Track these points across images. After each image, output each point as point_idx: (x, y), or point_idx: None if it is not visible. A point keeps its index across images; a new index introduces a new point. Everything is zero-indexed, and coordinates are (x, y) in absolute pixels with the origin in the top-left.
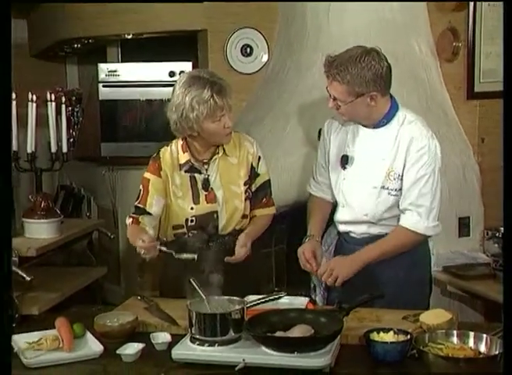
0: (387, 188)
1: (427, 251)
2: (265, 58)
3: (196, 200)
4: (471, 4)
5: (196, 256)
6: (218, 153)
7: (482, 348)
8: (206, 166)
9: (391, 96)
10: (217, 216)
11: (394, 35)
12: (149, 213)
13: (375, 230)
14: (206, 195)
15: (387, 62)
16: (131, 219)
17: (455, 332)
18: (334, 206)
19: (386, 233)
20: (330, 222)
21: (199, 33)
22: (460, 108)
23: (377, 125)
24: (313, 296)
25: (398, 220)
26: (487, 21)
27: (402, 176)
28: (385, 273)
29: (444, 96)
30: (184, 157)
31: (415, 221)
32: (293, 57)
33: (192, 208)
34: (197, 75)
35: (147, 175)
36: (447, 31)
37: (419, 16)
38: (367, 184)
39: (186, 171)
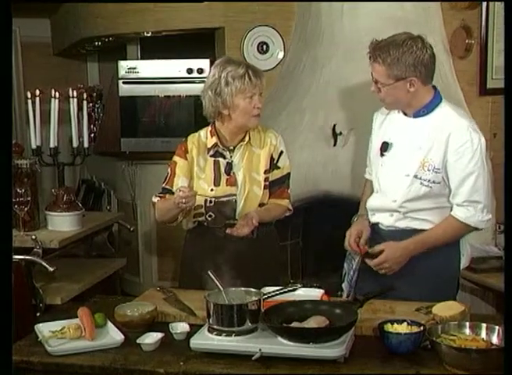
0: (420, 178)
1: (457, 250)
2: (281, 55)
3: (217, 182)
4: (484, 2)
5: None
6: (243, 140)
7: (494, 340)
8: (231, 153)
9: (435, 88)
10: (235, 200)
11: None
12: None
13: (401, 224)
14: (227, 179)
15: (431, 50)
16: (158, 198)
17: (467, 323)
18: None
19: (413, 229)
20: None
21: (216, 30)
22: (473, 104)
23: (417, 114)
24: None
25: (428, 214)
26: (499, 19)
27: (441, 169)
28: (416, 267)
29: (457, 92)
30: (211, 141)
31: (470, 215)
32: (308, 54)
33: (212, 190)
34: (232, 58)
35: (175, 158)
36: (460, 29)
37: (433, 14)
38: (400, 172)
39: (211, 155)
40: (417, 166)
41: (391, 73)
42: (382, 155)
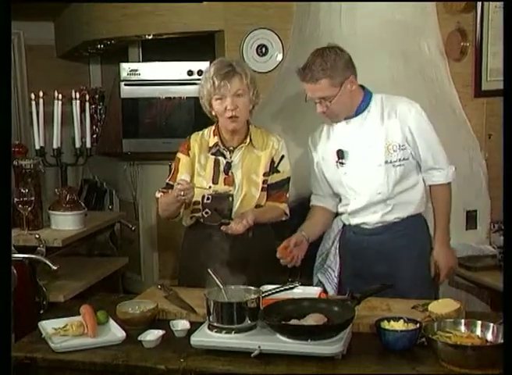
0: (391, 162)
1: (429, 241)
2: (280, 57)
3: (215, 180)
4: (479, 5)
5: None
6: (244, 142)
7: (489, 337)
8: (231, 153)
9: (361, 85)
10: (232, 199)
11: (404, 36)
12: None
13: (389, 218)
14: (225, 178)
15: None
16: (161, 193)
17: (463, 321)
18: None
19: (402, 219)
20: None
21: (216, 33)
22: (468, 105)
23: (358, 111)
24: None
25: (409, 195)
26: (494, 22)
27: (405, 145)
28: (394, 265)
29: (452, 94)
30: (213, 140)
31: (445, 174)
32: (306, 56)
33: (210, 187)
34: (223, 59)
35: (178, 155)
36: (455, 32)
37: (428, 18)
38: (369, 167)
39: (212, 154)
40: (384, 152)
41: (334, 81)
42: (341, 164)
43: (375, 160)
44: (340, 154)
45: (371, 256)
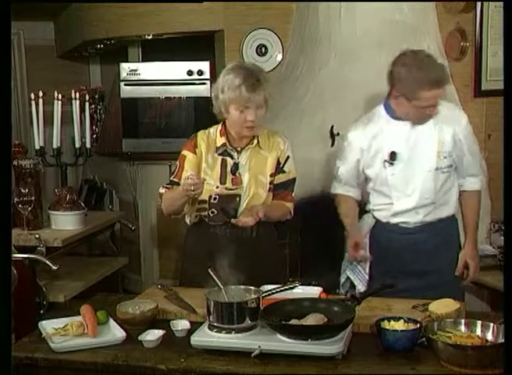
0: (440, 168)
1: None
2: (280, 57)
3: (222, 180)
4: (478, 5)
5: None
6: (252, 143)
7: (489, 337)
8: (238, 154)
9: None
10: (239, 200)
11: (404, 36)
12: None
13: (429, 218)
14: (232, 179)
15: None
16: (165, 189)
17: (463, 321)
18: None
19: (440, 219)
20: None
21: (216, 33)
22: (468, 105)
23: None
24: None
25: (448, 197)
26: (494, 22)
27: (452, 151)
28: (430, 262)
29: (452, 94)
30: (221, 140)
31: (480, 180)
32: (306, 57)
33: (217, 187)
34: (242, 64)
35: (184, 152)
36: (455, 32)
37: (428, 18)
38: (421, 172)
39: (219, 154)
40: (435, 159)
41: None
42: (390, 164)
43: (426, 166)
44: (393, 155)
45: (407, 254)
